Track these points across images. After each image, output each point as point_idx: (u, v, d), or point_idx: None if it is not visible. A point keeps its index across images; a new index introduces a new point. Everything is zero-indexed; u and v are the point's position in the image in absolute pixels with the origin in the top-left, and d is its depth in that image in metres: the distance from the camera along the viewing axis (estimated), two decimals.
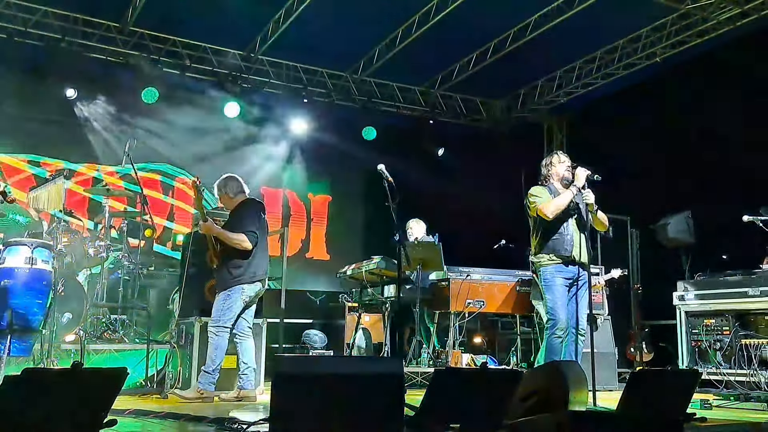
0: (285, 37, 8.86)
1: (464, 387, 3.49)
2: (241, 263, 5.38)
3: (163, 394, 5.60)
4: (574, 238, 5.14)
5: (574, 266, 5.13)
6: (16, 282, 4.69)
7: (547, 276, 5.16)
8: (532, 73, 10.27)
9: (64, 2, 8.31)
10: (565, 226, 5.15)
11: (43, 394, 2.71)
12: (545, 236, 5.19)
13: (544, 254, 5.19)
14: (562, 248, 5.12)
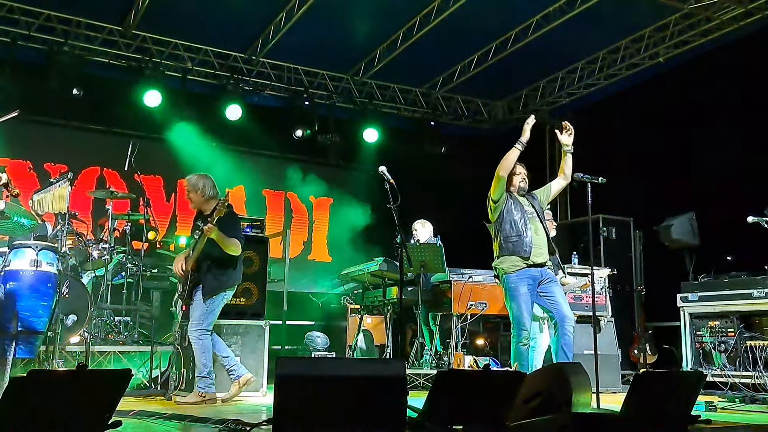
0: (286, 40, 8.88)
1: (467, 389, 3.50)
2: (227, 270, 5.40)
3: (167, 395, 5.62)
4: (534, 240, 5.28)
5: (535, 268, 5.26)
6: (22, 284, 4.72)
7: (510, 284, 5.27)
8: (534, 74, 10.28)
9: (67, 6, 8.33)
10: (524, 229, 5.28)
11: (49, 395, 2.73)
12: (505, 240, 5.32)
13: (505, 257, 5.31)
14: (521, 250, 5.24)
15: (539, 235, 5.33)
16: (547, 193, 5.62)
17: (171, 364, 6.20)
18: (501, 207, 5.37)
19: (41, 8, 8.30)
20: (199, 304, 5.36)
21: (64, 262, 5.19)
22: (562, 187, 5.60)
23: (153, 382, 6.11)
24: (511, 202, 5.38)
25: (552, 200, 5.76)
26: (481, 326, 8.19)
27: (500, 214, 5.38)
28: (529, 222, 5.32)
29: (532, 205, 5.44)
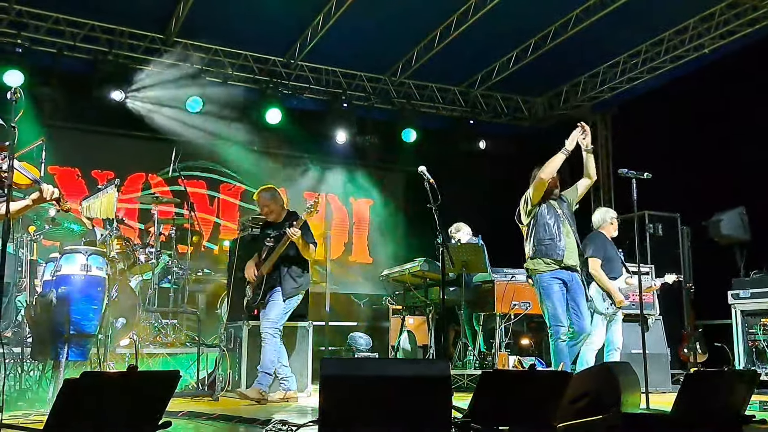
0: (324, 42, 8.93)
1: (512, 389, 3.47)
2: (303, 272, 5.82)
3: (214, 396, 5.70)
4: (567, 244, 5.38)
5: (566, 270, 5.37)
6: (73, 288, 4.83)
7: (543, 283, 5.38)
8: (574, 70, 10.12)
9: (111, 16, 8.52)
10: (557, 232, 5.38)
11: (101, 396, 2.79)
12: (539, 242, 5.41)
13: (537, 259, 5.41)
14: (555, 253, 5.34)
15: (570, 239, 5.44)
16: (574, 194, 5.70)
17: (217, 366, 6.29)
18: (536, 210, 5.46)
19: (86, 19, 8.50)
20: (277, 304, 5.64)
21: (112, 266, 5.31)
22: (588, 186, 5.66)
23: (200, 383, 6.20)
24: (545, 205, 5.47)
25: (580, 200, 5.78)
26: (525, 326, 8.12)
27: (534, 217, 5.47)
28: (562, 225, 5.42)
29: (562, 208, 5.55)
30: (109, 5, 8.16)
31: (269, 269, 5.74)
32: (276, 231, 5.82)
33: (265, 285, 5.75)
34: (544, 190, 5.41)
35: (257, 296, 5.78)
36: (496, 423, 3.42)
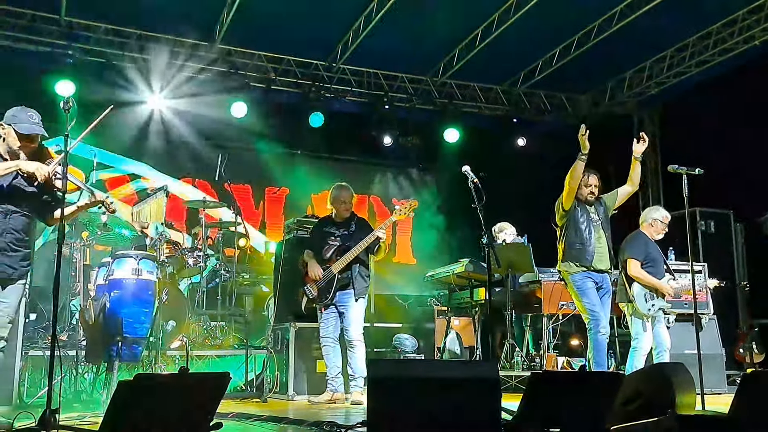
0: (365, 45, 8.96)
1: (562, 391, 3.41)
2: (369, 272, 5.92)
3: (262, 398, 5.77)
4: (597, 249, 5.54)
5: (597, 273, 5.55)
6: (125, 292, 4.94)
7: (577, 282, 5.57)
8: (620, 65, 9.94)
9: (156, 24, 8.70)
10: (588, 237, 5.54)
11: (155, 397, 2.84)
12: (569, 246, 5.60)
13: (567, 262, 5.60)
14: (584, 258, 5.52)
15: (602, 244, 5.58)
16: (614, 198, 5.79)
17: (265, 368, 6.37)
18: (569, 213, 5.62)
19: (133, 28, 8.70)
20: (355, 306, 5.71)
21: (162, 270, 5.42)
22: (629, 193, 5.78)
23: (248, 384, 6.28)
24: (579, 210, 5.61)
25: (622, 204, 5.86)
26: (573, 326, 7.98)
27: (567, 220, 5.64)
28: (594, 230, 5.57)
29: (598, 212, 5.67)
30: (154, 14, 8.33)
31: (341, 268, 5.72)
32: (343, 230, 5.84)
33: (336, 284, 5.71)
34: (573, 196, 5.57)
35: (326, 295, 5.72)
36: (546, 425, 3.37)
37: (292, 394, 5.94)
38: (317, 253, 5.86)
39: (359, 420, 3.96)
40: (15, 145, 3.93)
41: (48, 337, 5.93)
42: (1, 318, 3.96)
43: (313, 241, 6.03)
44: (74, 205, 4.10)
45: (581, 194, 5.64)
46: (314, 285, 5.79)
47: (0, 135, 3.97)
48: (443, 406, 3.14)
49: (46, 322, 6.27)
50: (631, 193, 5.78)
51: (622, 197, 5.77)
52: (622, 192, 5.78)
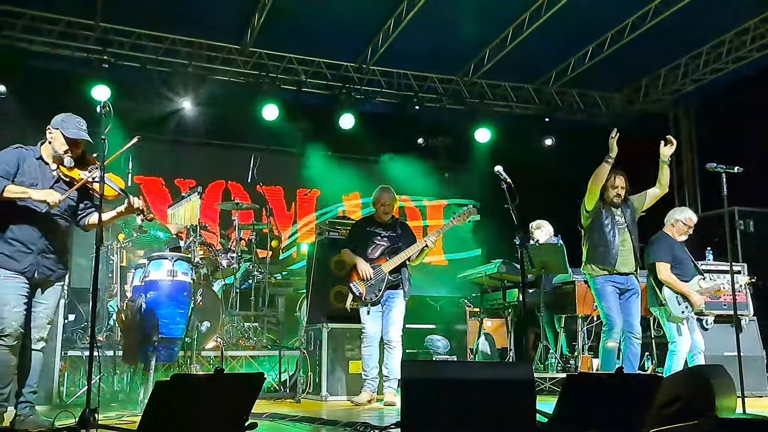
0: (395, 46, 8.96)
1: (599, 393, 3.37)
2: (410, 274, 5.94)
3: (296, 398, 5.80)
4: (621, 252, 5.52)
5: (620, 275, 5.53)
6: (161, 293, 5.00)
7: (598, 285, 5.58)
8: (654, 63, 9.78)
9: (189, 29, 8.81)
10: (612, 239, 5.52)
11: (191, 397, 2.88)
12: (593, 248, 5.61)
13: (591, 264, 5.61)
14: (607, 261, 5.50)
15: (626, 247, 5.55)
16: (642, 200, 5.73)
17: (298, 368, 6.40)
18: (593, 216, 5.62)
19: (167, 33, 8.82)
20: (400, 305, 5.72)
21: (197, 271, 5.47)
22: (658, 196, 5.70)
23: (282, 385, 6.32)
24: (604, 212, 5.59)
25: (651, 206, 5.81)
26: None
27: (591, 222, 5.64)
28: (618, 233, 5.55)
29: (624, 215, 5.64)
30: (188, 19, 8.44)
31: (391, 269, 5.73)
32: (390, 231, 5.87)
33: (386, 284, 5.71)
34: (595, 198, 5.56)
35: (375, 294, 5.69)
36: (582, 428, 3.32)
37: (325, 395, 5.96)
38: (361, 252, 5.81)
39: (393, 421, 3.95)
40: (61, 150, 4.02)
41: (86, 337, 6.05)
42: (41, 319, 4.05)
43: (355, 239, 5.96)
44: (113, 211, 4.15)
45: (607, 196, 5.61)
46: (361, 283, 5.72)
47: (47, 139, 4.07)
48: (477, 407, 3.12)
49: (85, 323, 6.39)
50: (660, 196, 5.71)
51: (650, 199, 5.71)
52: (650, 194, 5.71)
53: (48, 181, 4.04)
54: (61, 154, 4.02)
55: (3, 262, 3.92)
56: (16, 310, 3.87)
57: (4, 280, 3.89)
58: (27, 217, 3.97)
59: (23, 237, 3.95)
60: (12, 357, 3.88)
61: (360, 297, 5.71)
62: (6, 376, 3.89)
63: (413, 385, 3.11)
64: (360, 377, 5.79)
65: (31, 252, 3.96)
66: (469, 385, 3.17)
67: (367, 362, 5.73)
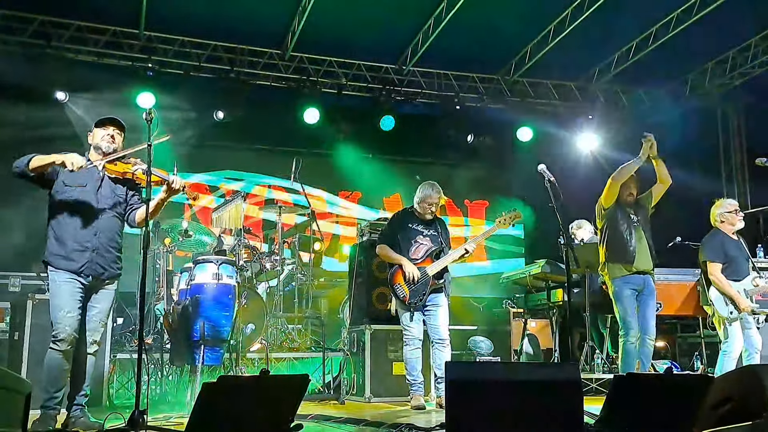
0: (435, 46, 8.93)
1: (648, 394, 3.30)
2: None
3: (340, 399, 5.82)
4: (638, 249, 5.57)
5: (639, 275, 5.58)
6: (206, 296, 5.08)
7: (616, 288, 5.63)
8: (701, 57, 9.55)
9: (231, 36, 8.94)
10: (628, 237, 5.58)
11: (238, 399, 2.91)
12: (610, 247, 5.67)
13: (610, 264, 5.66)
14: (625, 259, 5.56)
15: (642, 244, 5.62)
16: (649, 199, 5.81)
17: (342, 370, 6.42)
18: (608, 216, 5.69)
19: (209, 40, 8.97)
20: (445, 304, 5.62)
21: (241, 274, 5.54)
22: (662, 191, 5.77)
23: (326, 387, 6.35)
24: (619, 211, 5.67)
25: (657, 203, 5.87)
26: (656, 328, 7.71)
27: (607, 222, 5.71)
28: (635, 231, 5.62)
29: (637, 213, 5.72)
30: (230, 26, 8.57)
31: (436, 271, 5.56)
32: (431, 230, 5.67)
33: (431, 287, 5.53)
34: (615, 193, 5.60)
35: (420, 298, 5.50)
36: (631, 429, 3.26)
37: (369, 396, 5.96)
38: (403, 250, 5.61)
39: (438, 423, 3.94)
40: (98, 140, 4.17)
41: (134, 340, 6.18)
42: (95, 323, 4.14)
43: (396, 236, 5.69)
44: (156, 197, 4.11)
45: (621, 195, 5.67)
46: (405, 286, 5.51)
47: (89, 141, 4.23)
48: (524, 409, 3.09)
49: (133, 326, 6.53)
50: (665, 190, 5.76)
51: (656, 196, 5.79)
52: (655, 191, 5.79)
53: (95, 181, 4.15)
54: (99, 142, 4.15)
55: (59, 263, 4.02)
56: (71, 315, 3.96)
57: (60, 285, 3.99)
58: (78, 217, 4.07)
59: (76, 236, 4.05)
60: (65, 362, 3.98)
61: (404, 300, 5.51)
62: (59, 380, 3.98)
63: (458, 387, 3.09)
64: (403, 379, 5.72)
65: (86, 250, 4.05)
66: (516, 387, 3.14)
67: (414, 366, 5.55)
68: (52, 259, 4.05)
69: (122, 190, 4.24)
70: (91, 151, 4.21)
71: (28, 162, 3.96)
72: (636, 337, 5.51)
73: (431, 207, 5.68)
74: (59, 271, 4.01)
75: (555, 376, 3.22)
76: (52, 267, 4.04)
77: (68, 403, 4.07)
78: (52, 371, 3.96)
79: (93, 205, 4.10)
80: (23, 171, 3.98)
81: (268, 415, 3.04)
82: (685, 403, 3.27)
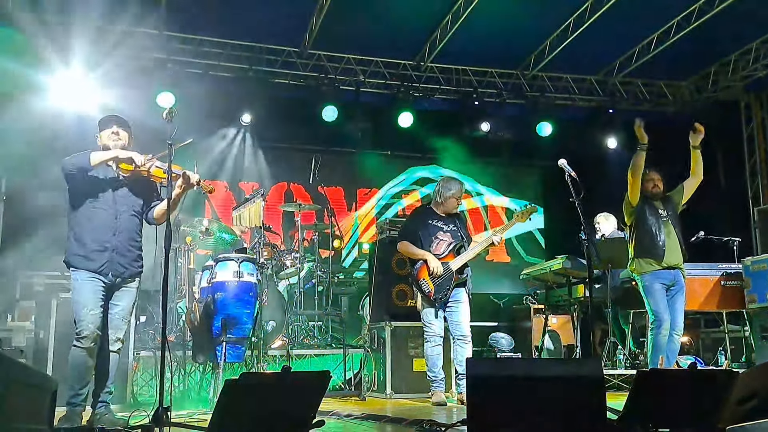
0: (453, 42, 8.90)
1: (672, 389, 3.27)
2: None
3: (360, 396, 5.83)
4: (667, 243, 5.56)
5: (669, 270, 5.57)
6: (228, 294, 5.10)
7: (645, 283, 5.64)
8: (723, 48, 9.41)
9: (250, 34, 8.97)
10: (657, 232, 5.58)
11: (260, 395, 2.93)
12: (639, 243, 5.66)
13: (639, 260, 5.66)
14: (655, 253, 5.56)
15: (672, 239, 5.60)
16: (681, 193, 5.80)
17: (362, 366, 6.44)
18: (637, 210, 5.68)
19: (228, 39, 9.01)
20: (467, 300, 5.60)
21: (262, 272, 5.56)
22: (695, 186, 5.77)
23: (347, 383, 6.37)
24: (646, 206, 5.67)
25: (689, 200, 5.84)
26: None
27: (635, 218, 5.70)
28: (663, 226, 5.60)
29: (666, 208, 5.71)
30: (247, 24, 8.60)
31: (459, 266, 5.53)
32: (452, 225, 5.64)
33: (454, 282, 5.51)
34: (637, 187, 5.62)
35: (444, 293, 5.48)
36: (654, 425, 3.23)
37: (389, 393, 5.97)
38: (424, 246, 5.57)
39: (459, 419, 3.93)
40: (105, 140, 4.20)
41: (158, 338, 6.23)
42: (118, 320, 4.18)
43: (416, 232, 5.65)
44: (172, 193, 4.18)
45: (645, 189, 5.69)
46: (430, 281, 5.49)
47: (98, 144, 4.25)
48: (546, 405, 3.07)
49: (156, 324, 6.58)
50: (696, 185, 5.76)
51: (688, 191, 5.79)
52: (687, 185, 5.79)
53: (112, 182, 4.19)
54: (106, 142, 4.19)
55: (80, 263, 4.06)
56: (93, 313, 4.00)
57: (82, 283, 4.04)
58: (98, 217, 4.12)
59: (96, 236, 4.09)
60: (89, 359, 4.02)
61: (429, 296, 5.49)
62: (83, 378, 4.03)
63: (479, 383, 3.08)
64: (424, 375, 5.73)
65: (106, 250, 4.09)
66: (537, 383, 3.12)
67: (435, 362, 5.54)
68: (72, 259, 4.09)
69: (139, 189, 4.27)
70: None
71: (88, 159, 3.99)
72: (668, 331, 5.51)
73: (456, 201, 5.69)
74: (80, 270, 4.06)
75: (577, 372, 3.20)
76: (73, 267, 4.09)
77: (93, 400, 4.12)
78: (77, 368, 4.01)
79: (111, 205, 4.14)
80: (83, 168, 3.99)
81: (290, 412, 3.05)
82: (711, 398, 3.23)
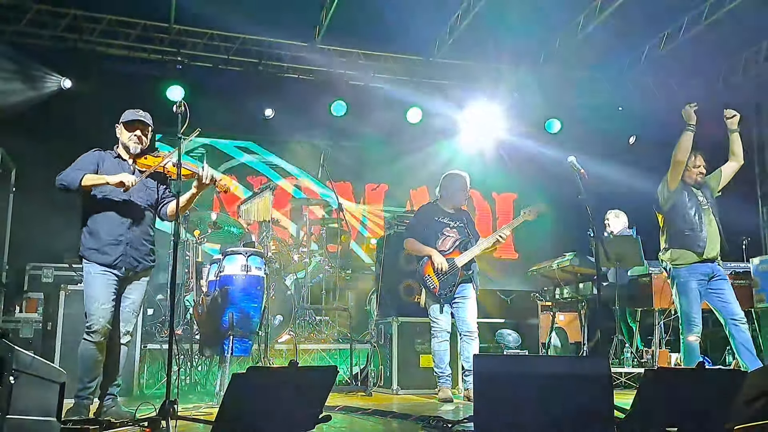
0: (463, 37, 8.88)
1: (680, 388, 3.26)
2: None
3: (367, 391, 5.83)
4: (708, 234, 5.13)
5: (707, 263, 5.13)
6: (235, 288, 5.11)
7: (681, 279, 5.18)
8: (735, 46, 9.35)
9: (259, 29, 8.97)
10: (699, 223, 5.14)
11: (267, 389, 2.93)
12: (677, 232, 5.20)
13: (675, 250, 5.20)
14: (696, 245, 5.12)
15: (713, 228, 5.18)
16: (718, 179, 5.39)
17: (369, 361, 6.44)
18: (675, 197, 5.24)
19: (237, 33, 9.02)
20: (474, 296, 5.56)
21: (269, 266, 5.57)
22: (735, 170, 5.36)
23: (353, 378, 6.37)
24: (686, 193, 5.24)
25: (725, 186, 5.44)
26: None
27: (672, 205, 5.25)
28: (704, 215, 5.19)
29: (706, 195, 5.31)
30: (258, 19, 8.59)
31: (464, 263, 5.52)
32: (458, 222, 5.63)
33: (459, 278, 5.50)
34: (680, 172, 5.19)
35: (449, 289, 5.48)
36: (662, 424, 3.23)
37: (396, 388, 5.97)
38: (430, 242, 5.57)
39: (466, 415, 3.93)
40: (125, 138, 4.23)
41: (165, 331, 6.26)
42: (128, 314, 4.20)
43: (422, 229, 5.66)
44: (188, 193, 4.20)
45: (689, 176, 5.27)
46: (435, 277, 5.49)
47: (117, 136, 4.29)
48: (552, 402, 3.07)
49: (163, 317, 6.61)
50: (737, 169, 5.34)
51: (727, 176, 5.36)
52: (726, 170, 5.36)
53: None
54: (126, 142, 4.21)
55: (94, 257, 4.09)
56: (104, 307, 4.02)
57: (94, 276, 4.06)
58: (112, 211, 4.14)
59: (110, 230, 4.12)
60: (99, 353, 4.04)
61: (434, 291, 5.50)
62: (93, 371, 4.05)
63: (486, 380, 3.08)
64: (430, 371, 5.73)
65: (120, 243, 4.11)
66: (544, 380, 3.12)
67: (442, 358, 5.53)
68: (86, 252, 4.11)
69: (153, 184, 4.29)
70: (120, 147, 4.27)
71: (80, 182, 4.01)
72: (700, 329, 5.13)
73: (465, 194, 5.68)
74: (94, 263, 4.07)
75: (585, 369, 3.19)
76: (87, 260, 4.11)
77: (101, 392, 4.14)
78: (86, 362, 4.03)
79: (125, 199, 4.16)
80: (71, 187, 4.02)
81: (297, 406, 3.06)
82: (719, 398, 3.22)
